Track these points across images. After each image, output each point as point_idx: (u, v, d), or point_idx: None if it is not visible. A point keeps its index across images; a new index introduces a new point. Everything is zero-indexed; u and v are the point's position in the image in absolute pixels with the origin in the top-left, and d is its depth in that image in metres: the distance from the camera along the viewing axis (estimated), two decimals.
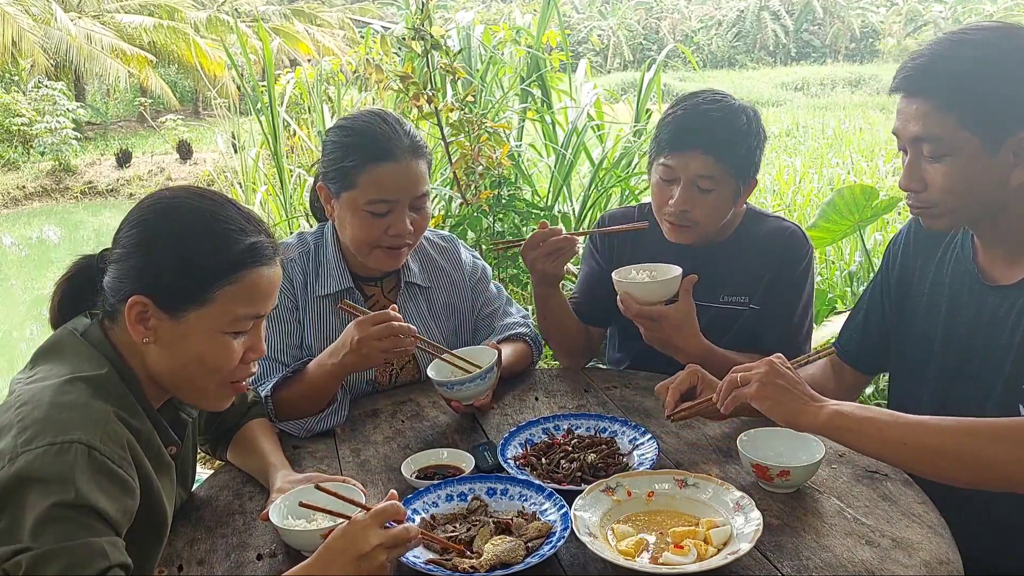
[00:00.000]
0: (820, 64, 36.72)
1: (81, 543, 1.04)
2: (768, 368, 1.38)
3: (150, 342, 1.22)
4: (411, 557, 1.25)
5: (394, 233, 1.79)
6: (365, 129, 1.79)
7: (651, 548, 1.26)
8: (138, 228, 1.23)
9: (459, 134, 3.41)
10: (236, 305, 1.22)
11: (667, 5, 42.89)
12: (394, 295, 1.96)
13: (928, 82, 1.37)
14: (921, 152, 1.40)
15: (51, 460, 1.06)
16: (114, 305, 1.23)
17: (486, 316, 2.05)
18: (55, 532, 1.03)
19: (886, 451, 1.30)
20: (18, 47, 16.34)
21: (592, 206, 4.09)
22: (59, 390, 1.14)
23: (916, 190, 1.43)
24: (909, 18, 39.05)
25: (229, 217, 1.24)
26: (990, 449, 1.22)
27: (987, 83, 1.33)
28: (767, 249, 1.97)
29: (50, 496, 1.04)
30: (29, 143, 15.95)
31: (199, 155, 15.78)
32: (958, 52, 1.36)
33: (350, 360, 1.68)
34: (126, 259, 1.22)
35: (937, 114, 1.35)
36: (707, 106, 1.86)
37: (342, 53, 7.24)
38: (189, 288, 1.20)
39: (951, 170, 1.37)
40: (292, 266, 1.89)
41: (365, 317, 1.67)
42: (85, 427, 1.10)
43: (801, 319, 1.98)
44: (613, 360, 2.24)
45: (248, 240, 1.23)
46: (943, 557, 1.23)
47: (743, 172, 1.88)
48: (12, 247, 12.64)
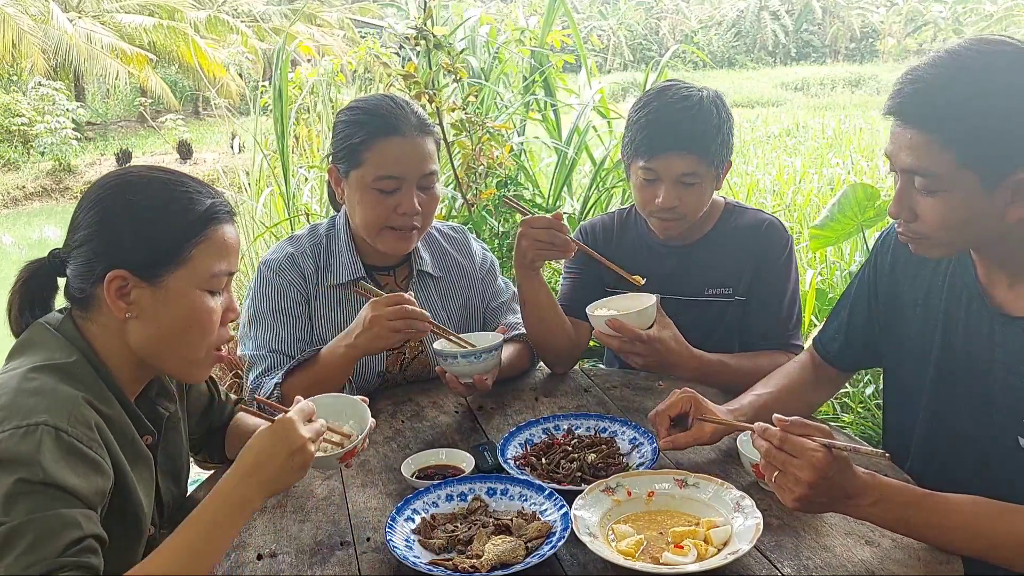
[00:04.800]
0: (820, 64, 36.75)
1: (53, 514, 1.05)
2: (808, 491, 1.21)
3: (133, 316, 1.23)
4: (411, 557, 1.25)
5: (402, 212, 1.80)
6: (373, 106, 1.83)
7: (650, 548, 1.27)
8: (97, 208, 1.24)
9: (461, 134, 3.41)
10: (211, 260, 1.26)
11: (667, 5, 42.87)
12: (406, 284, 1.97)
13: (926, 112, 1.27)
14: (912, 183, 1.32)
15: (16, 442, 1.07)
16: (85, 291, 1.24)
17: (493, 309, 2.06)
18: (24, 506, 1.04)
19: (937, 545, 1.26)
20: (18, 48, 16.34)
21: (593, 205, 4.09)
22: (25, 377, 1.15)
23: (907, 219, 1.35)
24: (909, 18, 39.04)
25: (185, 183, 1.28)
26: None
27: (990, 119, 1.23)
28: (747, 240, 2.00)
29: (15, 474, 1.05)
30: (29, 143, 15.95)
31: (199, 155, 15.79)
32: (959, 81, 1.25)
33: (362, 341, 1.68)
34: (91, 240, 1.23)
35: (934, 148, 1.26)
36: (678, 106, 1.87)
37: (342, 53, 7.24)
38: (165, 250, 1.23)
39: (944, 206, 1.29)
40: (303, 258, 1.90)
41: (380, 298, 1.69)
42: (51, 410, 1.11)
43: (789, 308, 1.99)
44: (613, 360, 2.24)
45: (208, 200, 1.27)
46: (943, 557, 1.23)
47: (721, 160, 1.93)
48: (12, 247, 12.64)
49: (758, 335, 1.98)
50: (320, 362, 1.76)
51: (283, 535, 1.38)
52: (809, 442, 1.22)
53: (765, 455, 1.25)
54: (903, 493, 1.25)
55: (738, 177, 7.85)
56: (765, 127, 14.97)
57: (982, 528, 1.23)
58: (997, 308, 1.40)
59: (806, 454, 1.21)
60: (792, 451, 1.22)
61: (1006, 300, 1.39)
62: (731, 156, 1.97)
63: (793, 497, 1.22)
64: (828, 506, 1.25)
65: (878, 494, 1.23)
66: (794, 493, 1.22)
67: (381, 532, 1.33)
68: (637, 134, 1.91)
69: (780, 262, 1.99)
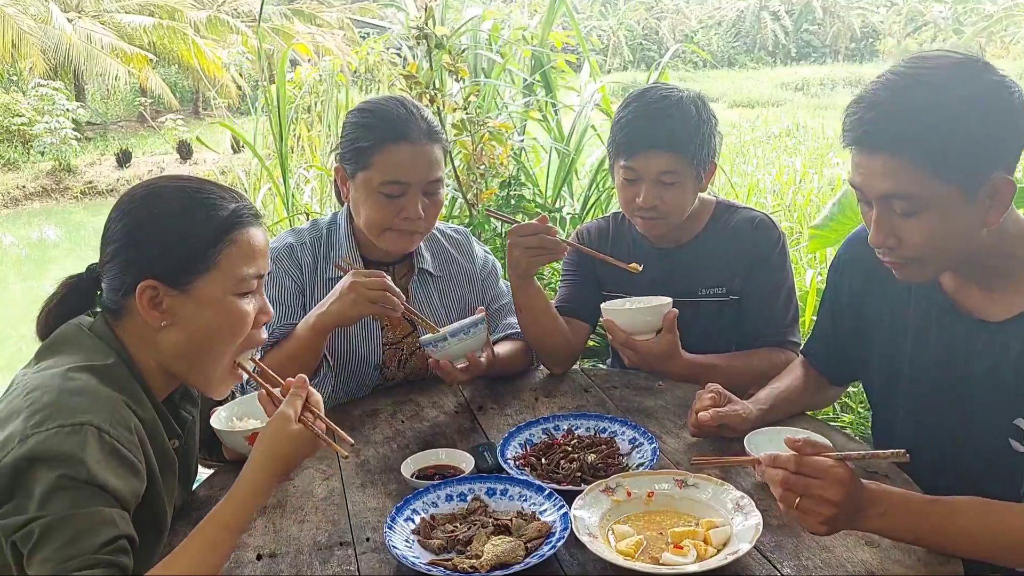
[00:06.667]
0: (820, 64, 36.73)
1: (93, 511, 1.08)
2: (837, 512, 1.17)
3: (168, 324, 1.24)
4: (411, 557, 1.25)
5: (406, 216, 1.81)
6: (384, 110, 1.83)
7: (650, 548, 1.26)
8: (125, 220, 1.26)
9: (462, 133, 3.41)
10: (239, 264, 1.27)
11: (667, 5, 42.88)
12: (406, 281, 1.97)
13: (892, 137, 1.26)
14: (892, 208, 1.30)
15: (62, 440, 1.08)
16: (118, 302, 1.26)
17: (493, 312, 2.06)
18: (64, 501, 1.07)
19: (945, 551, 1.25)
20: (18, 48, 16.34)
21: (593, 205, 4.09)
22: (67, 376, 1.16)
23: (891, 246, 1.33)
24: (909, 18, 39.04)
25: (208, 189, 1.30)
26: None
27: (956, 130, 1.23)
28: (739, 239, 2.00)
29: (58, 470, 1.07)
30: (29, 143, 15.94)
31: (199, 155, 15.78)
32: (918, 100, 1.24)
33: (336, 307, 1.69)
34: (122, 252, 1.24)
35: (908, 170, 1.25)
36: (657, 105, 1.89)
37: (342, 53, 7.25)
38: (192, 258, 1.24)
39: (929, 224, 1.28)
40: (302, 249, 1.92)
41: (360, 270, 1.71)
42: (95, 411, 1.13)
43: (785, 305, 2.00)
44: (613, 361, 2.24)
45: (231, 205, 1.28)
46: (943, 557, 1.23)
47: (701, 160, 1.93)
48: (12, 247, 12.64)
49: (755, 333, 1.99)
50: (293, 336, 1.76)
51: (283, 535, 1.38)
52: (826, 459, 1.18)
53: (783, 483, 1.18)
54: (909, 499, 1.25)
55: (738, 177, 7.84)
56: (765, 127, 14.96)
57: (988, 528, 1.23)
58: (971, 316, 1.42)
59: (829, 473, 1.16)
60: (812, 472, 1.17)
61: (980, 307, 1.41)
62: (715, 158, 1.98)
63: (821, 520, 1.17)
64: (846, 523, 1.20)
65: (887, 502, 1.21)
66: (822, 515, 1.16)
67: (381, 532, 1.33)
68: (618, 134, 1.93)
69: (773, 260, 2.00)
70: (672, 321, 1.78)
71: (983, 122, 1.24)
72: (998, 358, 1.38)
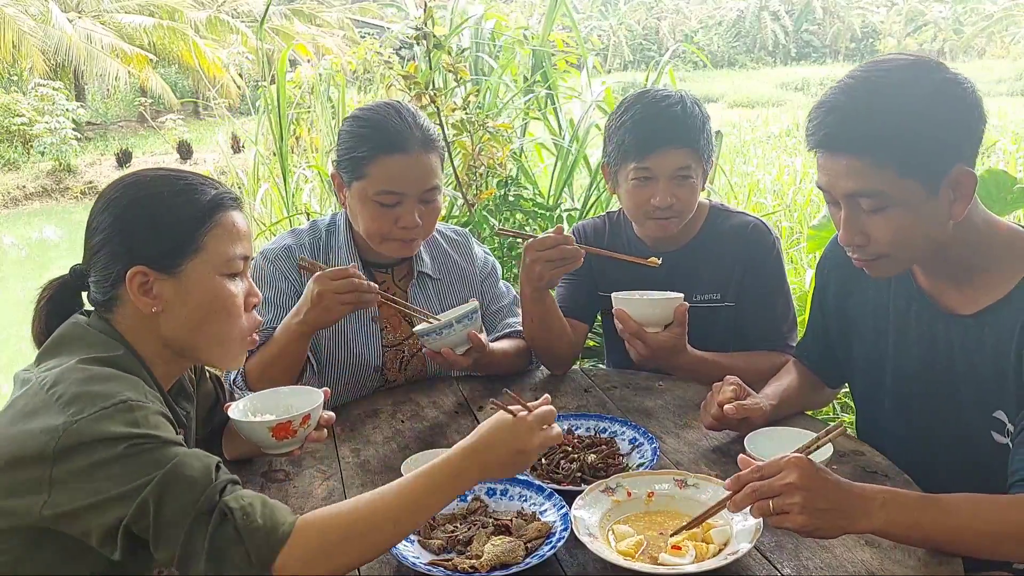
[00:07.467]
0: (820, 64, 36.72)
1: (175, 454, 1.09)
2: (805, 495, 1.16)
3: (159, 310, 1.25)
4: (411, 557, 1.25)
5: (403, 225, 1.81)
6: (378, 120, 1.82)
7: (650, 549, 1.26)
8: (110, 208, 1.26)
9: (461, 133, 3.40)
10: (225, 245, 1.28)
11: (667, 5, 42.88)
12: (405, 283, 1.97)
13: (855, 137, 1.31)
14: (859, 206, 1.34)
15: (110, 418, 1.09)
16: (108, 292, 1.26)
17: (493, 313, 2.06)
18: (148, 464, 1.08)
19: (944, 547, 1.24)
20: (18, 48, 16.35)
21: (593, 205, 4.09)
22: (84, 368, 1.17)
23: (860, 244, 1.37)
24: (909, 18, 39.06)
25: (187, 176, 1.31)
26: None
27: (917, 127, 1.27)
28: (734, 244, 2.00)
29: (122, 443, 1.07)
30: (29, 143, 15.94)
31: (199, 155, 15.78)
32: (877, 101, 1.30)
33: (312, 316, 1.68)
34: (108, 242, 1.25)
35: (873, 169, 1.29)
36: (663, 103, 1.91)
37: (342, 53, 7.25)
38: (178, 241, 1.25)
39: (896, 220, 1.32)
40: (300, 251, 1.91)
41: (324, 272, 1.69)
42: (127, 390, 1.14)
43: (783, 309, 2.00)
44: (613, 361, 2.24)
45: (211, 191, 1.30)
46: (943, 557, 1.23)
47: (708, 155, 1.96)
48: (12, 247, 12.64)
49: (754, 338, 1.98)
50: (274, 341, 1.75)
51: None
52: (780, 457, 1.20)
53: (752, 495, 1.18)
54: (907, 495, 1.25)
55: (738, 177, 7.84)
56: (765, 127, 14.95)
57: (987, 522, 1.22)
58: (948, 312, 1.44)
59: (783, 464, 1.18)
60: (769, 472, 1.19)
61: (955, 302, 1.44)
62: (715, 156, 2.00)
63: (796, 512, 1.16)
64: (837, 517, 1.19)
65: (884, 493, 1.22)
66: (795, 505, 1.17)
67: None
68: (625, 137, 1.92)
69: (768, 265, 1.99)
70: (683, 315, 1.78)
71: (939, 118, 1.28)
72: (975, 352, 1.40)
